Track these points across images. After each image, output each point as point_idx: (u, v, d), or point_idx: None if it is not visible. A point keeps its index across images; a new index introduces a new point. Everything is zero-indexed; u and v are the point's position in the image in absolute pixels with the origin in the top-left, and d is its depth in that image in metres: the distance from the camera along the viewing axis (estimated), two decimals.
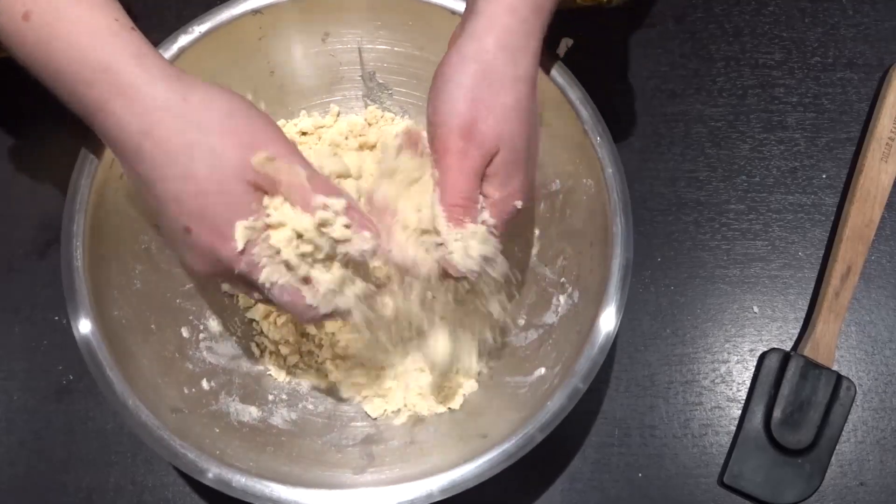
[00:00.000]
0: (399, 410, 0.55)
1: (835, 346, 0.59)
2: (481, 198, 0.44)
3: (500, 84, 0.43)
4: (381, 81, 0.58)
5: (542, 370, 0.51)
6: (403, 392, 0.55)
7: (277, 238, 0.41)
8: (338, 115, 0.59)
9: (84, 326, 0.45)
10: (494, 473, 0.45)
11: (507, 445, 0.45)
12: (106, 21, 0.40)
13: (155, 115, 0.40)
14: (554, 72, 0.50)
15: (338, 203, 0.41)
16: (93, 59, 0.40)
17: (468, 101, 0.42)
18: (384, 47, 0.56)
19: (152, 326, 0.51)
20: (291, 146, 0.42)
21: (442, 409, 0.54)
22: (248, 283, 0.42)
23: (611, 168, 0.49)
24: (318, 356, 0.56)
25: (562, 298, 0.53)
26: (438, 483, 0.44)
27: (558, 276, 0.54)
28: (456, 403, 0.54)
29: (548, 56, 0.50)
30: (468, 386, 0.55)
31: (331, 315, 0.43)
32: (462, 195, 0.43)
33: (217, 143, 0.40)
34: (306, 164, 0.42)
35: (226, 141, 0.40)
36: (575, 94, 0.50)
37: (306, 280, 0.42)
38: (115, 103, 0.40)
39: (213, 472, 0.44)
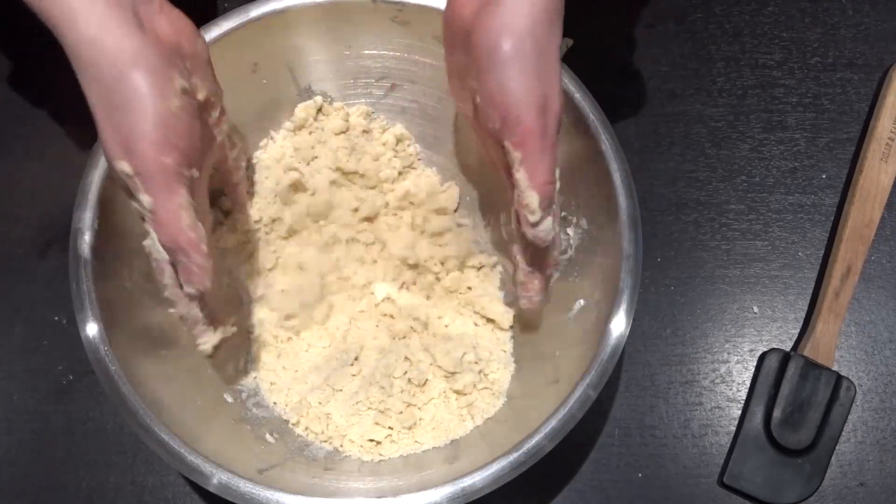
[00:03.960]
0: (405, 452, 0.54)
1: (835, 346, 0.59)
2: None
3: (550, 51, 0.43)
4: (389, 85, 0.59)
5: (582, 301, 0.52)
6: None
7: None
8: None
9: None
10: (502, 484, 0.45)
11: (516, 455, 0.45)
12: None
13: (77, 70, 0.41)
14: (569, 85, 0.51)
15: (160, 255, 0.44)
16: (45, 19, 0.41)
17: (537, 79, 0.42)
18: (395, 53, 0.57)
19: (198, 402, 0.51)
20: (159, 160, 0.41)
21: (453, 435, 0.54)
22: None
23: (578, 93, 0.50)
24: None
25: (570, 231, 0.54)
26: (445, 492, 0.44)
27: (558, 212, 0.54)
28: (479, 420, 0.54)
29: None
30: (492, 405, 0.55)
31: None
32: (551, 175, 0.44)
33: (102, 126, 0.41)
34: (165, 191, 0.41)
35: (109, 129, 0.41)
36: (594, 114, 0.50)
37: None
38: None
39: (217, 478, 0.44)
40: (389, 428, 0.53)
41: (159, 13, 0.43)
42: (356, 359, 0.55)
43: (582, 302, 0.52)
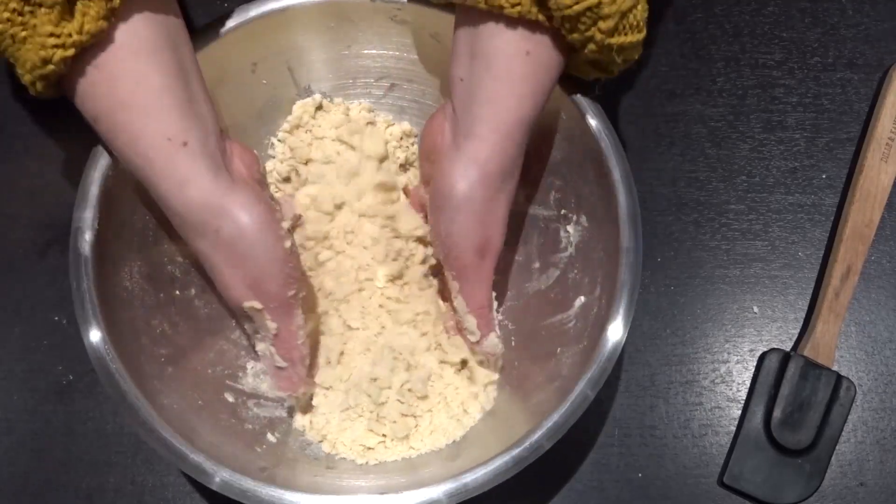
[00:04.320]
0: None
1: (835, 346, 0.59)
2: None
3: (498, 202, 0.48)
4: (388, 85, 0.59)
5: (583, 298, 0.52)
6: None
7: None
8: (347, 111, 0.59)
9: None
10: (499, 482, 0.45)
11: (514, 452, 0.45)
12: (159, 139, 0.43)
13: (189, 233, 0.46)
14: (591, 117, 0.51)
15: (279, 363, 0.50)
16: (148, 164, 0.44)
17: (479, 226, 0.47)
18: (394, 52, 0.57)
19: (199, 402, 0.51)
20: (283, 295, 0.47)
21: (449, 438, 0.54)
22: None
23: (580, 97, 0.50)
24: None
25: (570, 228, 0.54)
26: (446, 488, 0.44)
27: (557, 210, 0.55)
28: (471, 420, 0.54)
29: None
30: (485, 399, 0.55)
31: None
32: (487, 301, 0.50)
33: (227, 274, 0.46)
34: (287, 317, 0.48)
35: (234, 276, 0.46)
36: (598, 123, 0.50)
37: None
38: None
39: (219, 476, 0.44)
40: (383, 435, 0.53)
41: (232, 157, 0.47)
42: (346, 356, 0.55)
43: (582, 299, 0.52)
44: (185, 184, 0.44)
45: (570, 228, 0.54)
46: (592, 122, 0.49)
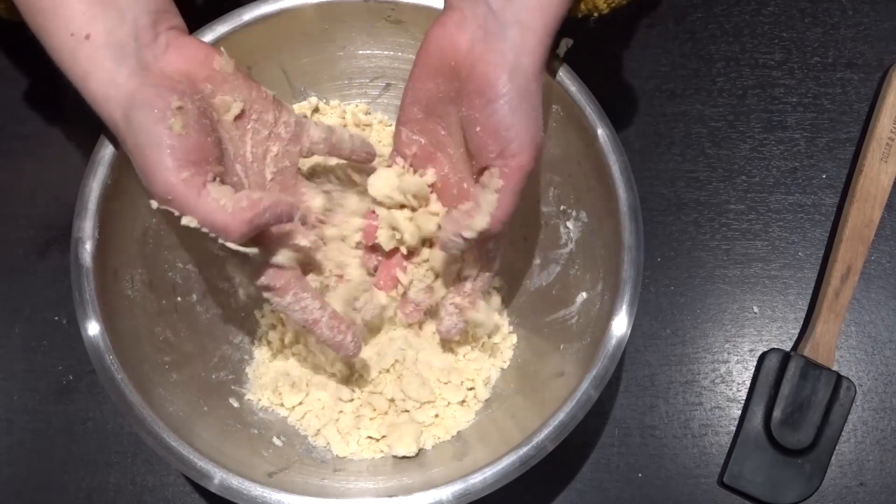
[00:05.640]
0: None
1: (835, 346, 0.59)
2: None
3: (540, 95, 0.46)
4: (384, 85, 0.59)
5: (584, 294, 0.52)
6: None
7: None
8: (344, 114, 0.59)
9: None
10: (503, 484, 0.45)
11: (521, 452, 0.45)
12: (64, 36, 0.42)
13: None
14: (568, 83, 0.50)
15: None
16: (61, 63, 0.44)
17: (537, 116, 0.45)
18: (389, 52, 0.57)
19: (204, 408, 0.50)
20: (181, 178, 0.42)
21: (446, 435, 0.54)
22: None
23: (574, 86, 0.50)
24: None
25: (570, 224, 0.54)
26: (453, 490, 0.44)
27: (556, 206, 0.55)
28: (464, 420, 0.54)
29: (552, 59, 0.50)
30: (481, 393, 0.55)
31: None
32: (509, 217, 0.46)
33: (143, 163, 0.43)
34: (195, 196, 0.43)
35: (158, 165, 0.43)
36: (591, 108, 0.50)
37: None
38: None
39: (227, 482, 0.44)
40: (390, 426, 0.53)
41: (166, 49, 0.45)
42: (359, 373, 0.55)
43: (584, 295, 0.52)
44: (86, 77, 0.43)
45: (569, 224, 0.54)
46: (590, 116, 0.49)
